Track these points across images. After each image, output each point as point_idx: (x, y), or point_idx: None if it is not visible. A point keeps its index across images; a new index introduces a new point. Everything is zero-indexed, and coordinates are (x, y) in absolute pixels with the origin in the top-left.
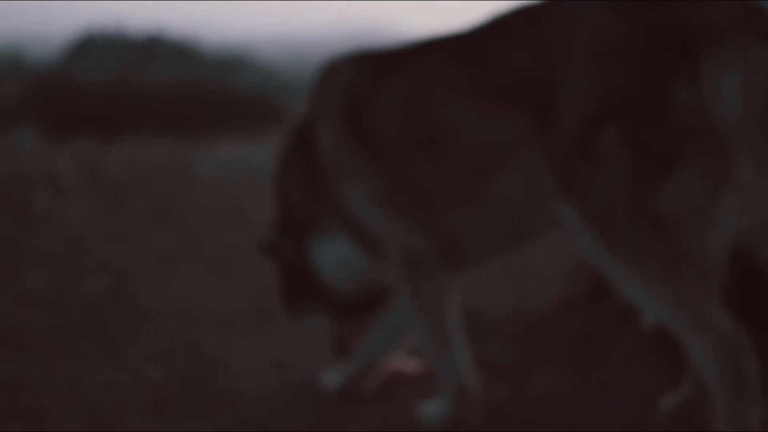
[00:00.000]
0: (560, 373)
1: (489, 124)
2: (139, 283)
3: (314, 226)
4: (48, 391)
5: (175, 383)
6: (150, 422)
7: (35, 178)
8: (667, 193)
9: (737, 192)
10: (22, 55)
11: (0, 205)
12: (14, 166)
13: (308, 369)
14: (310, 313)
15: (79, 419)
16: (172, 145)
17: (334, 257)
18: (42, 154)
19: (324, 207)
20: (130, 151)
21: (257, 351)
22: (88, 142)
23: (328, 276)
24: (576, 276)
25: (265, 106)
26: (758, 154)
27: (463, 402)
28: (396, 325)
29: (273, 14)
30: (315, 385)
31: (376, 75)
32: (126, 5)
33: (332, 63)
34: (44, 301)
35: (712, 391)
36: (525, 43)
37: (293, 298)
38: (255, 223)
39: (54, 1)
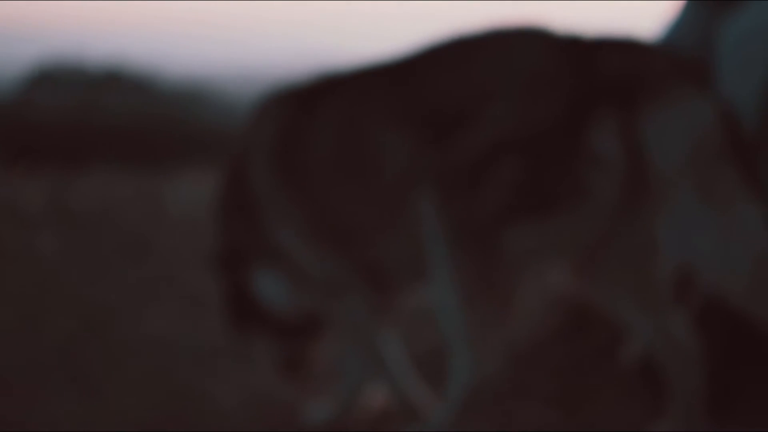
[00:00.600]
0: (549, 407)
1: (411, 152)
2: (115, 318)
3: (251, 258)
4: (26, 428)
5: (156, 417)
6: None
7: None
8: (522, 230)
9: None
10: None
11: None
12: None
13: (290, 401)
14: (255, 335)
15: None
16: (137, 178)
17: (270, 287)
18: (3, 187)
19: (258, 240)
20: (96, 184)
21: (238, 384)
22: (52, 175)
23: (267, 303)
24: (555, 308)
25: (227, 139)
26: (695, 193)
27: (349, 412)
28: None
29: (236, 47)
30: (299, 419)
31: (303, 110)
32: (85, 35)
33: (265, 100)
34: (18, 337)
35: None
36: (456, 74)
37: (238, 321)
38: None
39: (10, 31)
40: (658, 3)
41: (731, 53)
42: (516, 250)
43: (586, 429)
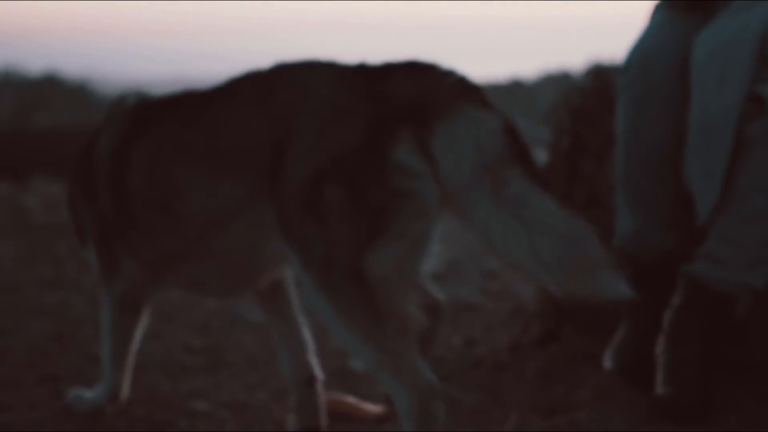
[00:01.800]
0: (527, 416)
1: (217, 187)
2: (81, 326)
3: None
4: None
5: (122, 421)
6: None
7: None
8: (374, 254)
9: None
10: None
11: None
12: None
13: (265, 411)
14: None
15: None
16: None
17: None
18: None
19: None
20: (46, 194)
21: (212, 394)
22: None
23: None
24: (519, 318)
25: None
26: (487, 204)
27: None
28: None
29: (170, 56)
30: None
31: (137, 125)
32: (20, 44)
33: (115, 104)
34: None
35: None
36: (256, 110)
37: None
38: None
39: None
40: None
41: (705, 64)
42: (382, 271)
43: None
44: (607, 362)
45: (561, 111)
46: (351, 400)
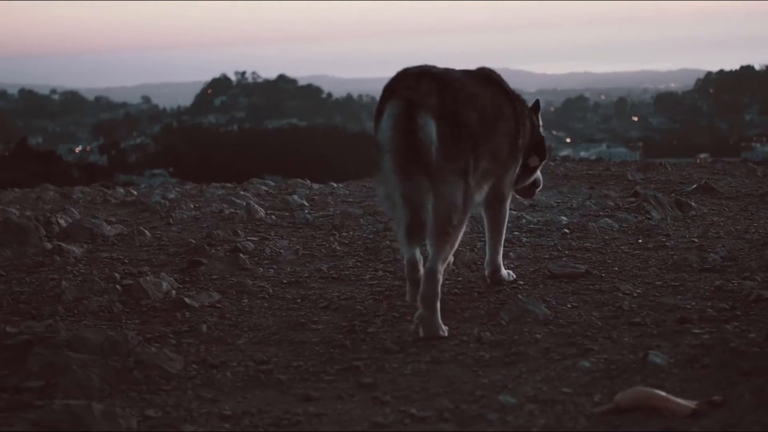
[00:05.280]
0: None
1: None
2: (369, 320)
3: None
4: None
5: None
6: None
7: None
8: None
9: None
10: None
11: None
12: None
13: (573, 405)
14: None
15: None
16: None
17: None
18: None
19: None
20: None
21: (515, 388)
22: None
23: None
24: None
25: None
26: None
27: None
28: None
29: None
30: None
31: None
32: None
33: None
34: None
35: None
36: None
37: None
38: None
39: None
40: None
41: None
42: None
43: None
44: None
45: None
46: (661, 393)
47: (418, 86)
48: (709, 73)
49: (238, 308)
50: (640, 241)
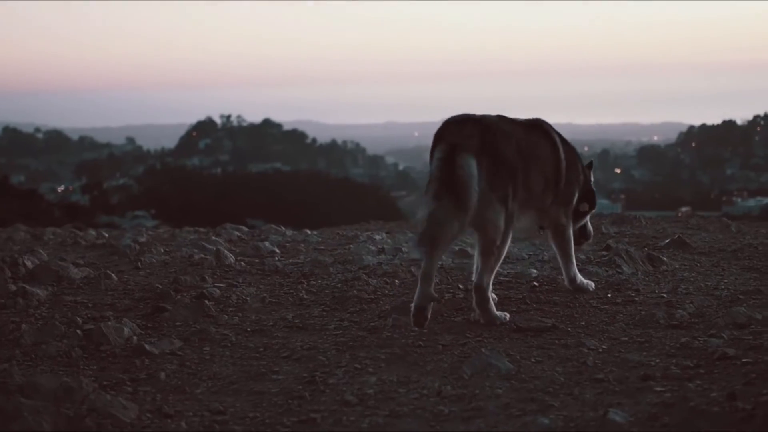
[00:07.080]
0: None
1: None
2: (331, 371)
3: None
4: None
5: None
6: None
7: None
8: None
9: None
10: None
11: None
12: None
13: None
14: None
15: None
16: None
17: None
18: None
19: None
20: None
21: None
22: None
23: None
24: None
25: None
26: None
27: None
28: None
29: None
30: None
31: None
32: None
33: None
34: None
35: None
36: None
37: None
38: None
39: None
40: None
41: None
42: None
43: None
44: None
45: None
46: None
47: (461, 131)
48: (691, 127)
49: (199, 356)
50: (609, 295)
